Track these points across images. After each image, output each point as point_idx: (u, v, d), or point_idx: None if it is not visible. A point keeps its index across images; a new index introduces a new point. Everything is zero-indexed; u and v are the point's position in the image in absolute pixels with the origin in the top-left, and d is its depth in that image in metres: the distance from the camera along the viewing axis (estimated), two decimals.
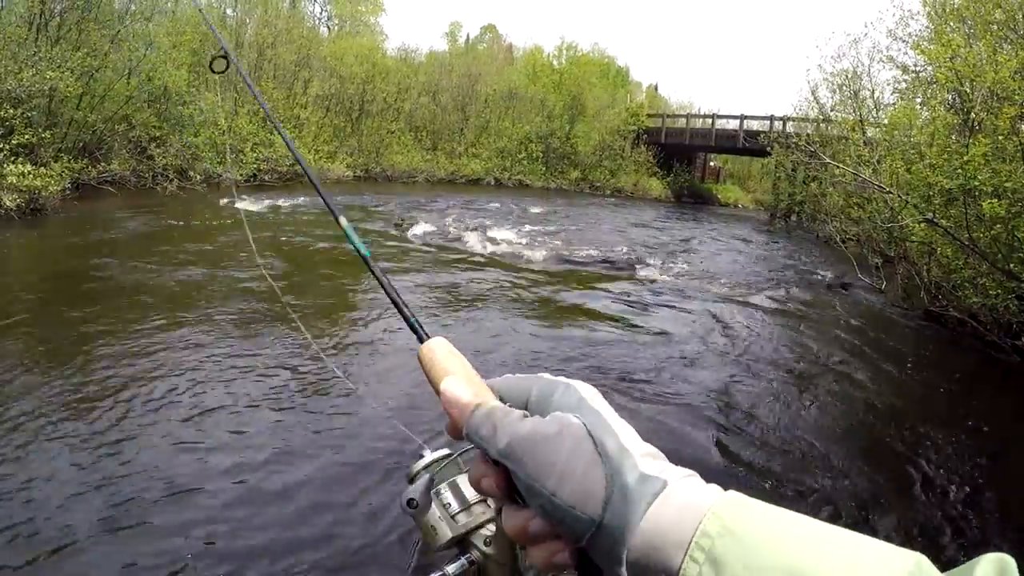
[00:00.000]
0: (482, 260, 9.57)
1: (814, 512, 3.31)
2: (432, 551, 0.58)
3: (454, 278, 8.14)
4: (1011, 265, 6.28)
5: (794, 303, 8.82)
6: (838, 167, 9.52)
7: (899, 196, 7.65)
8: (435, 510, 0.59)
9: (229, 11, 22.71)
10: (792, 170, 21.18)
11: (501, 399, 0.52)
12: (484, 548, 0.55)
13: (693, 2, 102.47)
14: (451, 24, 51.73)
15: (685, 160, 30.30)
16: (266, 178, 18.07)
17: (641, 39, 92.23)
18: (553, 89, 29.87)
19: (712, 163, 34.59)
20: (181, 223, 10.78)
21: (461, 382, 0.53)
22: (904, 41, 11.07)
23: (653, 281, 9.25)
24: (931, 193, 7.10)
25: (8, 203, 9.66)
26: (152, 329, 5.22)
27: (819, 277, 11.25)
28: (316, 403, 4.15)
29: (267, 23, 22.18)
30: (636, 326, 6.75)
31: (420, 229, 11.64)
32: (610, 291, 8.30)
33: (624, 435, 0.45)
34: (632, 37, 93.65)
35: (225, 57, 1.25)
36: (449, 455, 0.60)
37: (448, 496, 0.59)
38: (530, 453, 0.44)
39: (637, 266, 10.13)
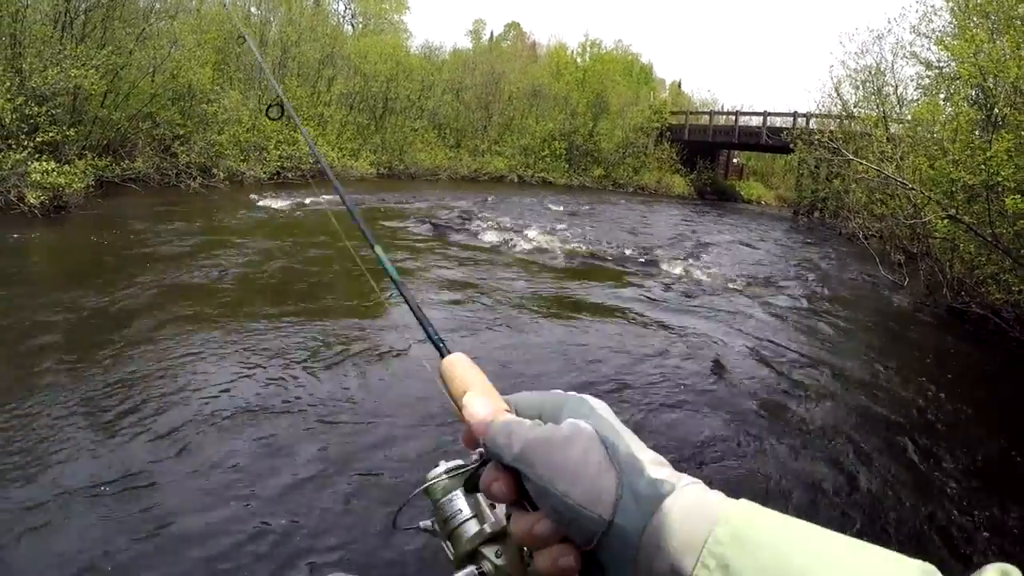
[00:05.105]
0: (504, 257, 9.68)
1: (827, 510, 3.37)
2: (454, 562, 0.57)
3: (477, 276, 8.26)
4: None
5: (817, 299, 8.81)
6: (861, 163, 9.47)
7: (922, 192, 7.61)
8: (447, 521, 0.58)
9: (254, 9, 22.89)
10: (815, 167, 20.99)
11: (516, 413, 0.54)
12: (495, 560, 0.54)
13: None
14: (475, 22, 51.93)
15: (708, 157, 30.04)
16: (289, 175, 18.27)
17: (665, 36, 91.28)
18: (576, 86, 29.79)
19: (735, 160, 34.27)
20: (207, 221, 10.85)
21: (481, 397, 0.55)
22: (927, 37, 11.01)
23: (677, 278, 9.28)
24: (954, 189, 7.07)
25: (32, 200, 9.59)
26: (183, 332, 5.17)
27: (842, 273, 11.18)
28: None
29: (291, 21, 22.46)
30: (659, 323, 6.81)
31: (438, 224, 11.81)
32: (634, 289, 8.34)
33: (632, 442, 0.47)
34: (656, 34, 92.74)
35: (280, 105, 1.50)
36: (463, 466, 0.58)
37: (460, 504, 0.58)
38: (542, 456, 0.45)
39: (661, 263, 10.15)
